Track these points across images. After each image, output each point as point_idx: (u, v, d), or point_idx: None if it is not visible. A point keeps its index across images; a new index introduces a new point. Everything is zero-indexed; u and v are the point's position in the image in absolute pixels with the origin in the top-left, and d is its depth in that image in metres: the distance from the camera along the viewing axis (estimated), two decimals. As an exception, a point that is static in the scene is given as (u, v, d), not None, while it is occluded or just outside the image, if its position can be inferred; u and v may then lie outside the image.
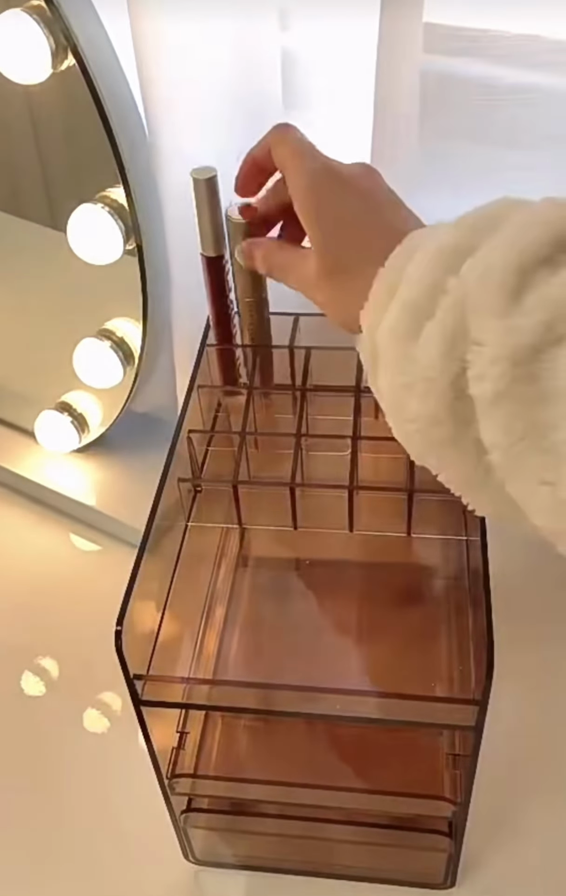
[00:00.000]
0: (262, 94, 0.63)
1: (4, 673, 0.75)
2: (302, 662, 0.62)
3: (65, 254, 0.70)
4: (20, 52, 0.60)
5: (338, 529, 0.54)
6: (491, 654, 0.44)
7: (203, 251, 0.58)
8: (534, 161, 0.64)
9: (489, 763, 0.50)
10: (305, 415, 0.58)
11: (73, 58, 0.60)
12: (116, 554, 0.83)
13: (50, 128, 0.72)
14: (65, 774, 0.68)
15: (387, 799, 0.55)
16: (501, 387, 0.35)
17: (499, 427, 0.36)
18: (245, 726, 0.63)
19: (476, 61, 0.61)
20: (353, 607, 0.65)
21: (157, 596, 0.53)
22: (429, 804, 0.54)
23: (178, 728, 0.57)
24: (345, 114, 0.60)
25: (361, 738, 0.61)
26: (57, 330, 0.82)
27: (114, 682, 0.47)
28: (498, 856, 0.62)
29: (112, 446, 0.89)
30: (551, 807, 0.65)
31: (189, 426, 0.57)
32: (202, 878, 0.63)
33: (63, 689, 0.74)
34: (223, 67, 0.60)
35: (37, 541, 0.86)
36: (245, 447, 0.56)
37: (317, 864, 0.62)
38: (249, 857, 0.63)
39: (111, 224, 0.67)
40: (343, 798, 0.56)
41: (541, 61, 0.59)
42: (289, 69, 0.62)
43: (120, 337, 0.77)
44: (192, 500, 0.57)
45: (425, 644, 0.60)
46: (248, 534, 0.69)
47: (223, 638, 0.64)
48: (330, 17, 0.57)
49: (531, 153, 0.64)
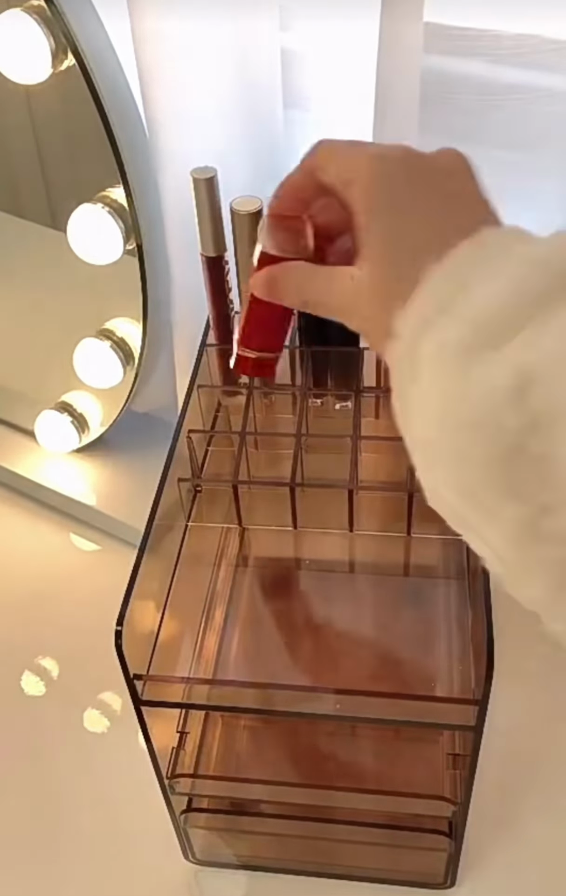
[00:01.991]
0: (262, 94, 0.63)
1: (4, 673, 0.75)
2: (302, 662, 0.62)
3: (65, 254, 0.70)
4: (20, 52, 0.60)
5: (339, 529, 0.54)
6: (491, 654, 0.44)
7: (203, 251, 0.58)
8: (535, 161, 0.64)
9: (489, 763, 0.50)
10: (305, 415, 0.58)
11: (73, 58, 0.60)
12: (116, 554, 0.83)
13: (50, 128, 0.72)
14: (65, 774, 0.68)
15: (387, 799, 0.55)
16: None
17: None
18: (245, 726, 0.63)
19: (476, 61, 0.61)
20: (353, 607, 0.65)
21: (157, 596, 0.53)
22: (429, 804, 0.54)
23: (178, 728, 0.57)
24: (345, 114, 0.60)
25: (361, 738, 0.61)
26: (57, 330, 0.82)
27: (114, 682, 0.47)
28: (498, 856, 0.62)
29: (112, 446, 0.89)
30: (551, 807, 0.65)
31: (189, 426, 0.57)
32: (202, 878, 0.63)
33: (63, 689, 0.74)
34: (223, 67, 0.60)
35: (37, 541, 0.86)
36: (245, 447, 0.56)
37: (317, 864, 0.62)
38: (249, 857, 0.63)
39: (111, 224, 0.67)
40: (343, 798, 0.56)
41: (541, 61, 0.59)
42: (289, 69, 0.62)
43: (120, 337, 0.77)
44: (192, 500, 0.56)
45: (425, 644, 0.60)
46: (247, 534, 0.69)
47: (223, 638, 0.64)
48: (330, 17, 0.57)
49: (531, 153, 0.64)
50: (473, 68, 0.61)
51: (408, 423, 0.34)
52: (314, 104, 0.63)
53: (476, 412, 0.29)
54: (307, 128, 0.65)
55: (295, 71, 0.63)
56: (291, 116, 0.65)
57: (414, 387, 0.32)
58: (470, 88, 0.62)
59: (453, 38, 0.60)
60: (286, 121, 0.65)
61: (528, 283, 0.30)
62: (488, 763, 0.50)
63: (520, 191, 0.66)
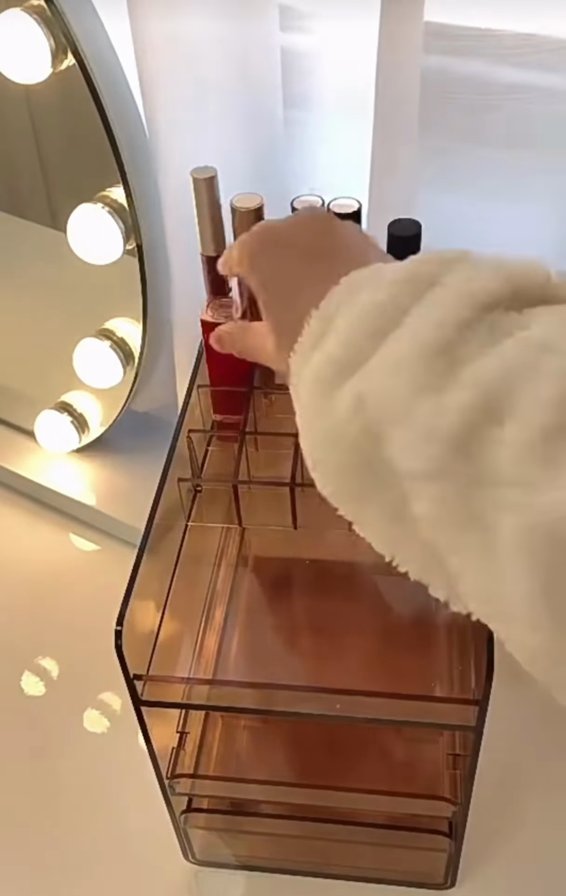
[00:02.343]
0: (262, 94, 0.63)
1: (4, 673, 0.75)
2: (302, 662, 0.62)
3: (65, 254, 0.70)
4: (20, 52, 0.60)
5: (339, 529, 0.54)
6: (491, 654, 0.44)
7: (203, 251, 0.58)
8: (534, 161, 0.64)
9: (489, 763, 0.50)
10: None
11: (73, 58, 0.60)
12: (116, 554, 0.83)
13: (50, 128, 0.72)
14: (65, 774, 0.68)
15: (387, 799, 0.55)
16: (432, 466, 0.33)
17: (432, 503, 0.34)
18: (245, 726, 0.63)
19: (476, 61, 0.61)
20: (353, 607, 0.65)
21: (157, 596, 0.53)
22: (429, 804, 0.54)
23: (178, 728, 0.57)
24: (345, 114, 0.60)
25: (361, 739, 0.61)
26: (57, 330, 0.82)
27: (114, 682, 0.48)
28: (498, 856, 0.62)
29: (112, 446, 0.89)
30: (551, 807, 0.65)
31: (189, 426, 0.57)
32: (202, 878, 0.63)
33: (63, 689, 0.74)
34: (223, 67, 0.60)
35: (37, 541, 0.86)
36: (245, 447, 0.56)
37: (317, 865, 0.62)
38: (249, 857, 0.63)
39: (111, 224, 0.67)
40: (343, 798, 0.56)
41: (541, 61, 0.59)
42: (289, 69, 0.62)
43: (120, 337, 0.77)
44: (192, 500, 0.56)
45: (425, 644, 0.60)
46: (247, 534, 0.69)
47: (223, 638, 0.64)
48: (330, 17, 0.57)
49: (531, 153, 0.64)
50: (473, 68, 0.61)
51: (303, 441, 0.40)
52: (314, 104, 0.63)
53: (332, 427, 0.37)
54: (307, 128, 0.65)
55: (295, 71, 0.63)
56: (291, 116, 0.65)
57: (299, 410, 0.40)
58: (470, 88, 0.62)
59: (453, 38, 0.60)
60: (286, 121, 0.65)
61: (366, 323, 0.37)
62: (488, 763, 0.50)
63: (520, 191, 0.66)
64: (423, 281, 0.37)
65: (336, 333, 0.38)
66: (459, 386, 0.34)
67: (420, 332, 0.35)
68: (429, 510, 0.35)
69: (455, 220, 0.63)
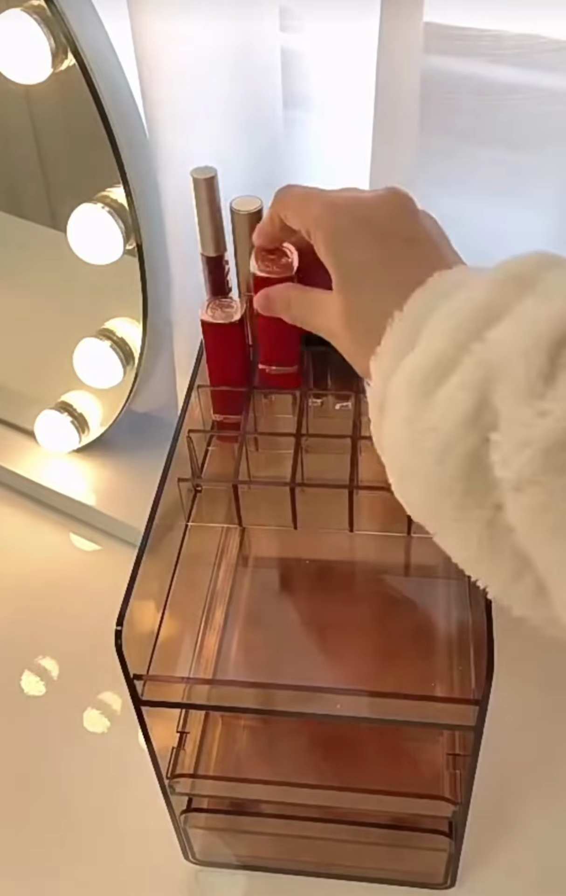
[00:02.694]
0: (262, 94, 0.63)
1: (4, 673, 0.75)
2: (302, 662, 0.62)
3: (65, 254, 0.70)
4: (20, 52, 0.60)
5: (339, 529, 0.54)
6: (491, 654, 0.44)
7: (203, 251, 0.58)
8: (535, 161, 0.64)
9: (489, 763, 0.50)
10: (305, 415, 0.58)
11: (73, 58, 0.60)
12: (116, 554, 0.83)
13: (50, 128, 0.72)
14: (65, 774, 0.68)
15: (387, 799, 0.55)
16: (526, 474, 0.32)
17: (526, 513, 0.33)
18: (245, 726, 0.63)
19: (476, 61, 0.61)
20: (353, 607, 0.65)
21: (157, 596, 0.53)
22: (429, 804, 0.54)
23: (178, 728, 0.57)
24: (345, 114, 0.60)
25: (361, 738, 0.61)
26: (57, 330, 0.82)
27: (114, 682, 0.48)
28: (498, 856, 0.62)
29: (112, 446, 0.89)
30: (551, 807, 0.65)
31: (189, 426, 0.57)
32: (202, 878, 0.63)
33: (63, 689, 0.74)
34: (223, 67, 0.60)
35: (37, 541, 0.86)
36: (245, 447, 0.56)
37: (316, 864, 0.62)
38: (249, 857, 0.63)
39: (111, 224, 0.67)
40: (343, 798, 0.56)
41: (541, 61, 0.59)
42: (289, 69, 0.62)
43: (120, 337, 0.77)
44: (192, 500, 0.56)
45: (425, 644, 0.60)
46: (247, 534, 0.69)
47: (223, 638, 0.64)
48: (330, 17, 0.57)
49: (531, 153, 0.64)
50: (473, 68, 0.61)
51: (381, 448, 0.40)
52: (314, 104, 0.63)
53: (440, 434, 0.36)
54: (307, 128, 0.65)
55: (295, 71, 0.63)
56: (291, 116, 0.65)
57: (384, 419, 0.39)
58: (470, 88, 0.62)
59: (453, 38, 0.60)
60: (286, 121, 0.65)
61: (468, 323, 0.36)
62: (488, 763, 0.50)
63: (520, 191, 0.66)
64: (527, 282, 0.36)
65: (430, 336, 0.37)
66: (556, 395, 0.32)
67: (536, 324, 0.34)
68: (525, 519, 0.33)
69: (455, 220, 0.63)
